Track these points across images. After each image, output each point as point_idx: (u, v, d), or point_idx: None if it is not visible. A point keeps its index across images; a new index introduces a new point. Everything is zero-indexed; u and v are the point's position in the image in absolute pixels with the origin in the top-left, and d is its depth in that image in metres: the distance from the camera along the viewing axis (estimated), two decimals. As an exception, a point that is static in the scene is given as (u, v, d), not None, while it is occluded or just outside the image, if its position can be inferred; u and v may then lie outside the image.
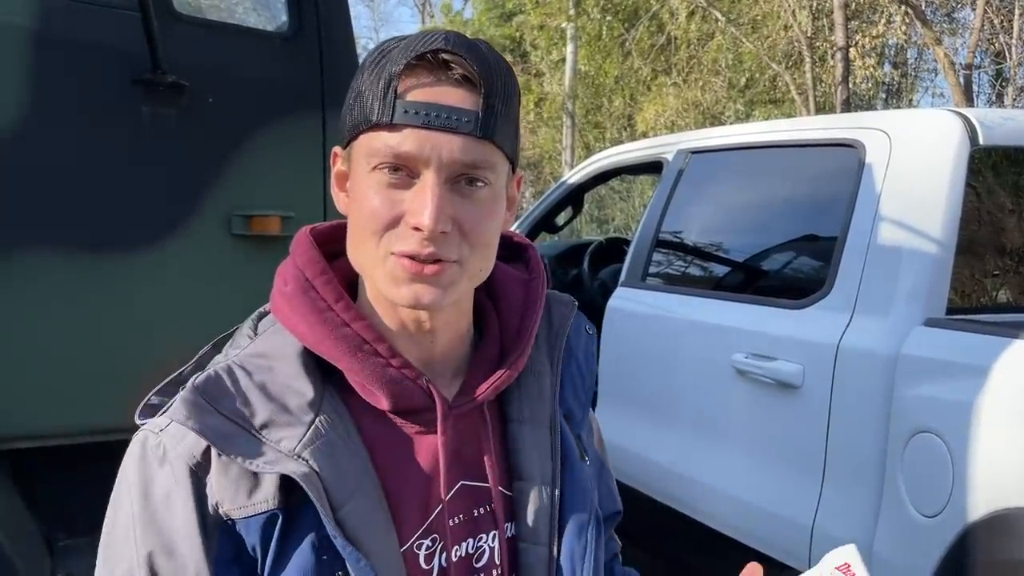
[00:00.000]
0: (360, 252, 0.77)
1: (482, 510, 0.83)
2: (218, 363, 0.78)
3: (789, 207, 2.62)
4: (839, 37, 12.08)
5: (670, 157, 3.00)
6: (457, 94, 0.73)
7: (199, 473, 0.73)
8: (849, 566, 0.81)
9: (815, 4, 12.97)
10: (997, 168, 2.23)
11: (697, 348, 2.56)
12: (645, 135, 14.06)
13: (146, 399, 0.80)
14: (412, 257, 0.74)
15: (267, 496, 0.73)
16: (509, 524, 0.84)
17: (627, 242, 3.58)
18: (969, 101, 12.12)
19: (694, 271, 2.89)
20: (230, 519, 0.73)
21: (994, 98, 15.31)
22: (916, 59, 16.08)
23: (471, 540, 0.81)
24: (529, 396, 0.86)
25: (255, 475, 0.73)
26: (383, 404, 0.78)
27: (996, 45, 13.92)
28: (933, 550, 1.83)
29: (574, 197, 3.85)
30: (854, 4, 12.96)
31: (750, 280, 2.68)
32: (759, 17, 13.79)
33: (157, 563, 0.73)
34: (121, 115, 1.60)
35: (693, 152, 2.91)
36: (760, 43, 13.38)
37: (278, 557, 0.73)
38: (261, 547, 0.73)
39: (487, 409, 0.84)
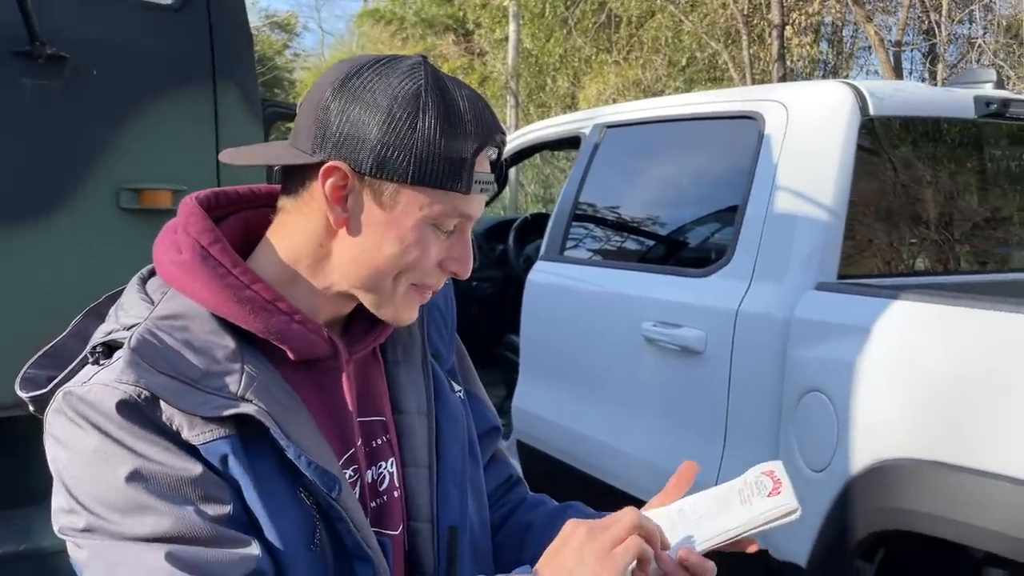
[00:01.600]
0: (371, 277, 0.87)
1: (379, 441, 0.94)
2: (121, 328, 0.83)
3: (696, 179, 2.69)
4: (775, 15, 12.25)
5: (587, 132, 3.04)
6: (490, 165, 0.89)
7: (152, 409, 0.78)
8: (773, 472, 0.90)
9: (752, -18, 13.12)
10: (888, 137, 2.32)
11: (611, 318, 2.62)
12: (587, 114, 14.08)
13: (23, 372, 0.86)
14: (432, 290, 0.90)
15: (220, 424, 0.80)
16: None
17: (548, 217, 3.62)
18: (899, 78, 12.40)
19: (609, 244, 2.95)
20: (192, 444, 0.79)
21: (926, 75, 15.69)
22: (852, 37, 16.38)
23: (374, 467, 0.92)
24: (402, 340, 0.98)
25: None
26: (291, 355, 0.87)
27: (926, 23, 14.24)
28: (822, 502, 1.92)
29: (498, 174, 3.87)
30: (790, -18, 13.14)
31: (660, 251, 2.74)
32: (698, -5, 13.91)
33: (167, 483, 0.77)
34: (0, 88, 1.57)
35: (608, 126, 2.95)
36: (699, 21, 13.51)
37: (244, 481, 0.80)
38: (228, 468, 0.80)
39: (375, 353, 0.96)
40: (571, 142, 3.30)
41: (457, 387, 1.04)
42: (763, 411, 2.13)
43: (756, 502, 0.86)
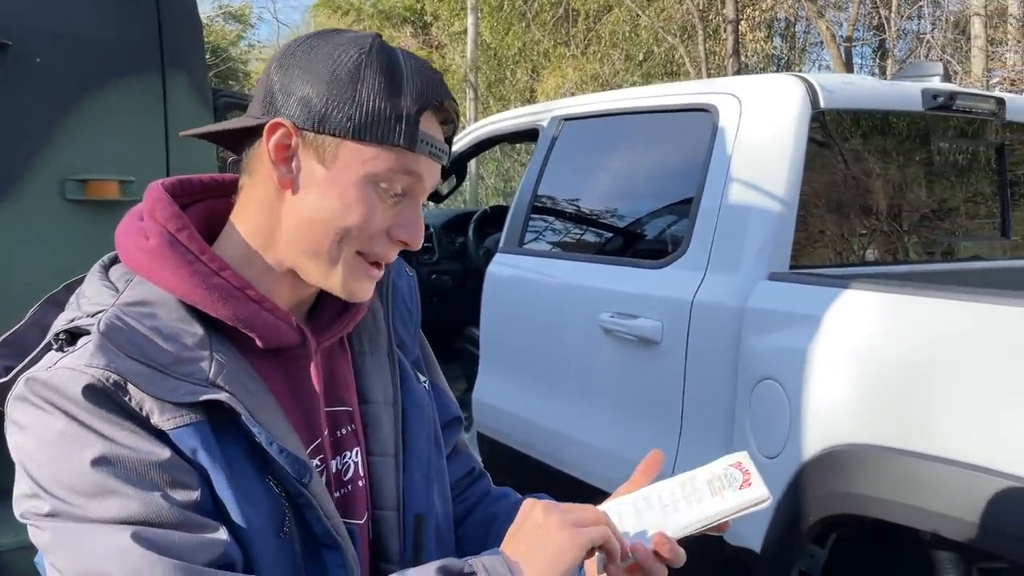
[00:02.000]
0: (316, 238, 0.85)
1: (345, 430, 0.94)
2: (84, 316, 0.82)
3: (652, 171, 2.71)
4: (730, 10, 12.40)
5: (545, 124, 3.04)
6: (441, 131, 0.89)
7: (119, 394, 0.77)
8: (741, 463, 0.91)
9: (707, -23, 13.26)
10: (838, 130, 2.35)
11: (569, 310, 2.63)
12: (545, 107, 14.11)
13: None
14: (377, 260, 0.88)
15: (191, 410, 0.79)
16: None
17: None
18: (850, 72, 12.63)
19: (567, 236, 2.95)
20: (161, 429, 0.78)
21: (876, 70, 16.01)
22: (804, 32, 16.65)
23: (339, 457, 0.93)
24: (368, 330, 0.99)
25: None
26: (259, 343, 0.86)
27: (876, 19, 14.53)
28: (775, 488, 1.95)
29: (456, 167, 3.87)
30: (744, -22, 13.31)
31: (617, 243, 2.76)
32: (655, -10, 14.01)
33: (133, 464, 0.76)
34: None
35: (565, 119, 2.96)
36: (655, 16, 13.60)
37: (214, 468, 0.79)
38: (197, 455, 0.79)
39: (341, 343, 0.97)
40: (529, 135, 3.30)
41: (423, 378, 1.04)
42: (718, 399, 2.15)
43: (728, 495, 0.87)
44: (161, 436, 0.78)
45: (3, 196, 1.56)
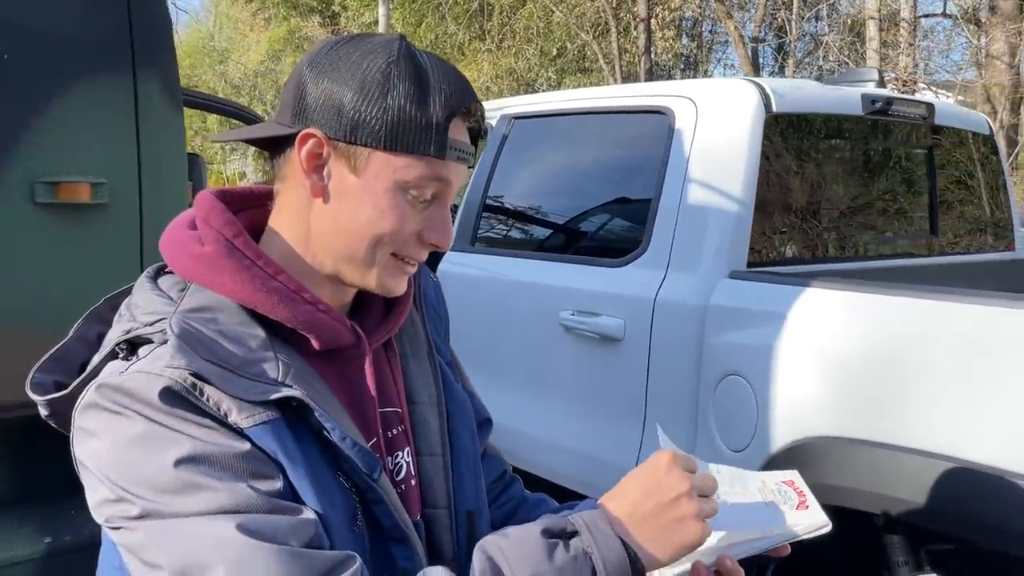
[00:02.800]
0: (351, 245, 0.86)
1: (396, 431, 0.95)
2: (141, 326, 0.82)
3: (608, 171, 2.75)
4: (641, 9, 12.65)
5: (493, 122, 3.05)
6: (467, 134, 0.89)
7: (196, 394, 0.78)
8: (794, 483, 0.91)
9: (619, -25, 13.48)
10: (789, 132, 2.45)
11: (526, 308, 2.65)
12: (460, 101, 14.06)
13: (31, 376, 0.86)
14: (410, 260, 0.89)
15: (265, 409, 0.80)
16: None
17: (454, 206, 3.62)
18: (756, 72, 13.09)
19: (521, 234, 2.97)
20: (240, 427, 0.79)
21: (776, 70, 16.63)
22: (710, 32, 17.13)
23: (391, 457, 0.94)
24: (408, 334, 1.01)
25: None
26: (316, 344, 0.87)
27: (779, 20, 15.08)
28: (741, 481, 2.02)
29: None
30: (654, -23, 13.60)
31: (574, 241, 2.79)
32: (568, -14, 14.15)
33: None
34: None
35: (515, 117, 2.97)
36: (569, 12, 13.75)
37: (291, 465, 0.80)
38: (274, 452, 0.79)
39: (389, 345, 0.98)
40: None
41: (459, 378, 1.07)
42: (682, 395, 2.21)
43: (788, 513, 0.87)
44: (239, 434, 0.79)
45: (-31, 200, 1.46)
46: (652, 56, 13.16)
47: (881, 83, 2.71)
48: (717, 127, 2.34)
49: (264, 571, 0.73)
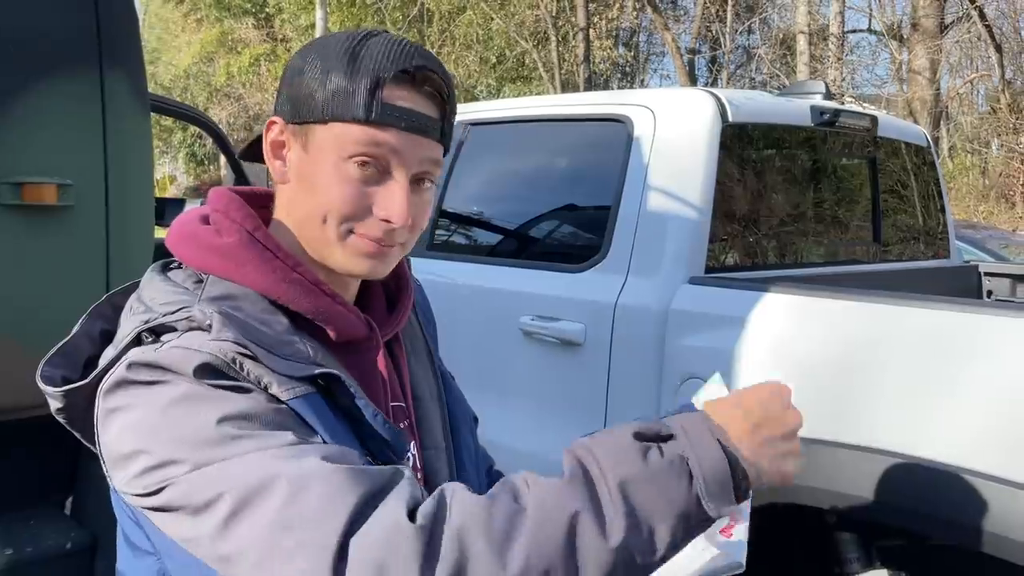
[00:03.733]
0: (310, 224, 0.87)
1: (402, 424, 0.97)
2: (160, 316, 0.81)
3: (566, 178, 2.79)
4: (580, 18, 12.82)
5: (448, 128, 3.05)
6: (427, 104, 0.87)
7: (235, 370, 0.78)
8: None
9: (558, -15, 13.63)
10: (744, 142, 2.52)
11: (485, 313, 2.66)
12: (400, 107, 14.01)
13: (40, 370, 0.85)
14: (376, 240, 0.87)
15: (303, 384, 0.80)
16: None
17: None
18: (693, 83, 13.38)
19: (479, 239, 2.98)
20: (280, 399, 0.79)
21: (710, 81, 17.02)
22: (646, 42, 17.44)
23: None
24: (408, 333, 1.03)
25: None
26: (333, 335, 0.89)
27: (712, 33, 15.45)
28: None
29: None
30: (593, -13, 13.79)
31: (533, 247, 2.82)
32: (507, -6, 14.25)
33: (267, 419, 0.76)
34: None
35: (472, 124, 2.98)
36: (508, 20, 13.83)
37: (327, 437, 0.79)
38: (314, 426, 0.79)
39: (395, 341, 1.01)
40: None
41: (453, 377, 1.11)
42: (643, 399, 2.25)
43: (699, 541, 0.80)
44: (280, 403, 0.79)
45: (-69, 201, 1.41)
46: (591, 65, 13.33)
47: (828, 96, 2.81)
48: (675, 136, 2.40)
49: (328, 482, 0.71)
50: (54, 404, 0.86)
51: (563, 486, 0.74)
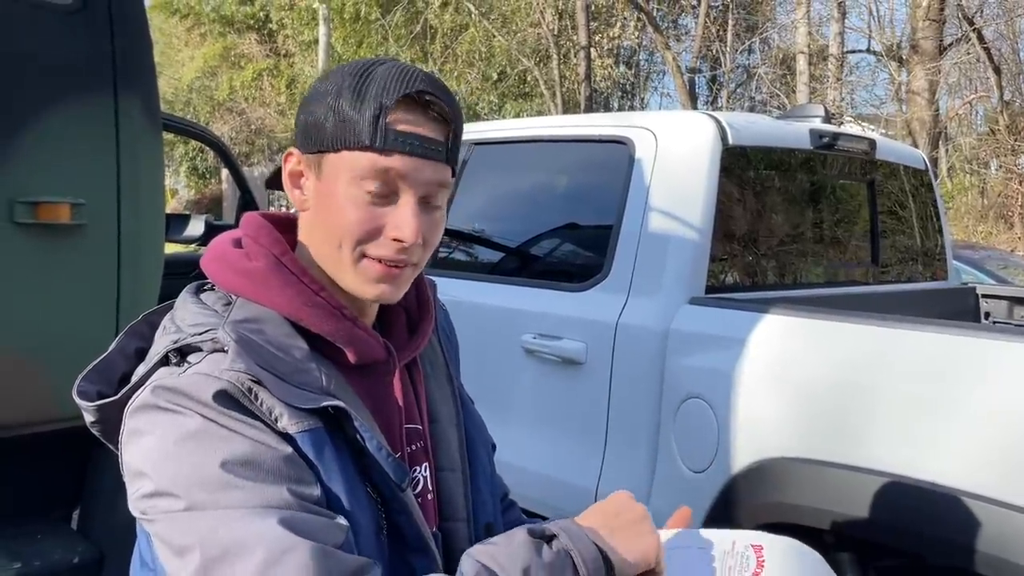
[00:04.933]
0: (327, 249, 0.91)
1: (416, 446, 1.00)
2: (189, 336, 0.86)
3: (569, 198, 2.82)
4: (582, 37, 12.90)
5: (452, 147, 3.09)
6: (432, 127, 0.89)
7: (249, 398, 0.82)
8: (762, 548, 0.92)
9: (560, 4, 13.72)
10: (744, 164, 2.55)
11: (489, 331, 2.68)
12: (402, 122, 14.09)
13: (77, 385, 0.89)
14: (386, 262, 0.90)
15: (311, 417, 0.84)
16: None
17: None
18: (693, 102, 13.46)
19: (483, 258, 3.01)
20: (288, 432, 0.83)
21: (711, 100, 17.12)
22: (647, 61, 17.54)
23: (411, 471, 0.97)
24: (428, 356, 1.06)
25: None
26: (352, 358, 0.92)
27: (713, 52, 15.55)
28: (703, 500, 2.08)
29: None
30: (594, 6, 13.89)
31: (536, 266, 2.84)
32: (508, 12, 14.34)
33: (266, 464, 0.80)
34: None
35: (476, 143, 3.02)
36: (510, 38, 13.92)
37: (328, 472, 0.84)
38: (315, 458, 0.84)
39: (413, 365, 1.03)
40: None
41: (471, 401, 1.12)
42: (643, 417, 2.28)
43: None
44: (286, 439, 0.83)
45: (-51, 219, 1.43)
46: (592, 83, 13.41)
47: (828, 119, 2.84)
48: (676, 158, 2.43)
49: (298, 562, 0.76)
50: (88, 417, 0.91)
51: None
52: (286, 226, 0.98)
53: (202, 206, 20.04)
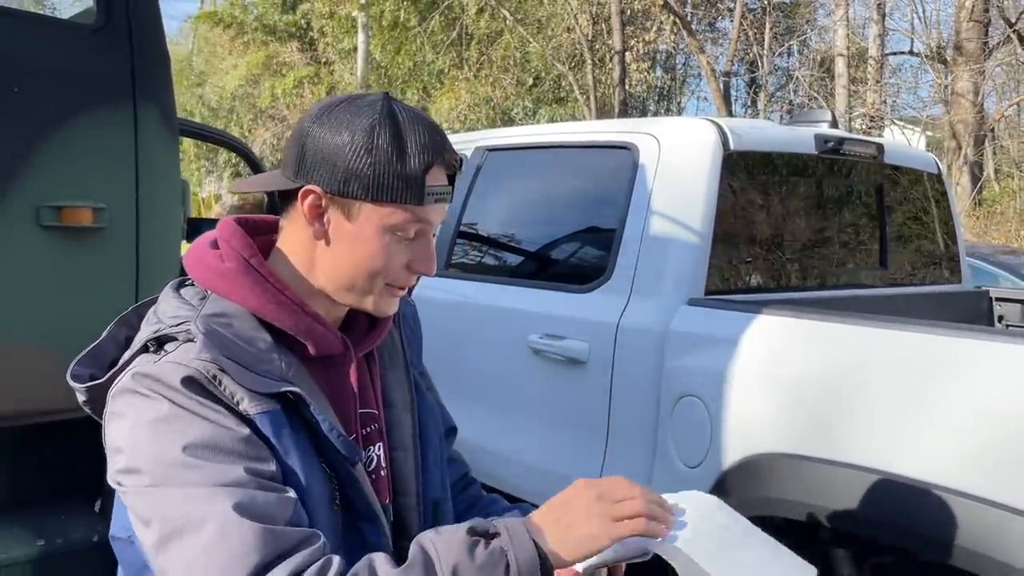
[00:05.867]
0: (352, 279, 1.03)
1: (370, 428, 1.11)
2: (167, 327, 0.97)
3: (576, 202, 2.90)
4: (616, 41, 12.93)
5: (468, 153, 3.19)
6: (446, 176, 1.04)
7: (213, 384, 0.93)
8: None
9: (594, 9, 13.77)
10: (746, 169, 2.61)
11: (497, 331, 2.77)
12: (439, 128, 14.27)
13: (71, 369, 1.02)
14: (405, 287, 1.06)
15: (269, 400, 0.96)
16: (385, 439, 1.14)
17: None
18: (728, 105, 13.41)
19: (493, 260, 3.10)
20: (248, 414, 0.94)
21: (749, 103, 17.02)
22: (683, 65, 17.51)
23: (365, 451, 1.09)
24: (388, 348, 1.17)
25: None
26: (312, 350, 1.03)
27: (751, 55, 15.46)
28: (697, 495, 2.14)
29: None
30: (629, 11, 13.91)
31: (543, 268, 2.93)
32: (544, 18, 14.43)
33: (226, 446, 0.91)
34: None
35: (490, 150, 3.11)
36: (545, 43, 14.01)
37: (284, 449, 0.95)
38: (273, 437, 0.95)
39: (371, 356, 1.15)
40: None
41: (431, 389, 1.23)
42: (642, 414, 2.34)
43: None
44: (245, 420, 0.94)
45: (-20, 222, 1.57)
46: (627, 87, 13.43)
47: (835, 124, 2.88)
48: (678, 163, 2.50)
49: (243, 537, 0.87)
50: (80, 397, 1.03)
51: (408, 569, 0.91)
52: (257, 229, 1.10)
53: (244, 211, 20.42)
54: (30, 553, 1.64)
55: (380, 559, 0.92)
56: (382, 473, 1.11)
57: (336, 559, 0.90)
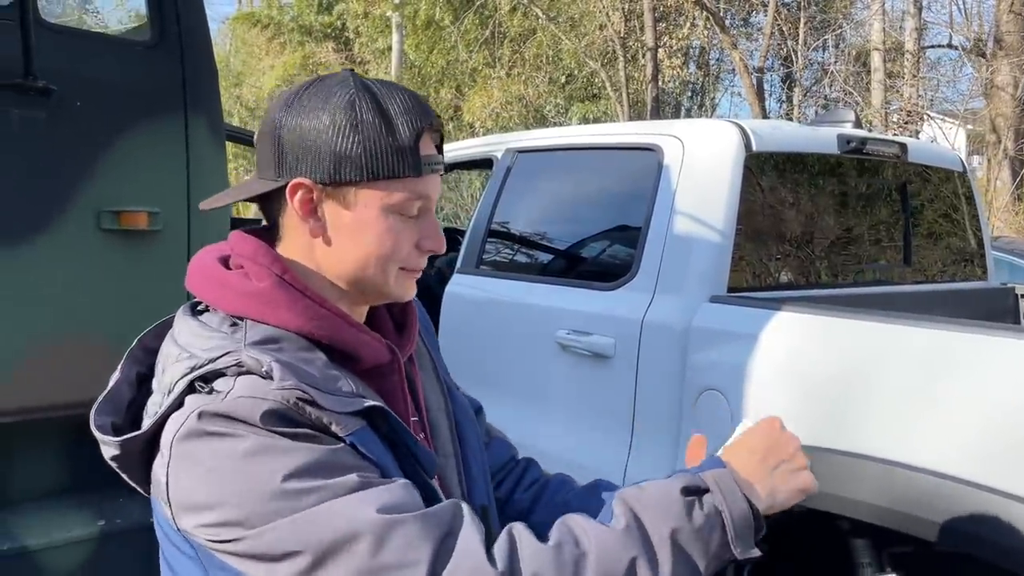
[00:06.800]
0: (365, 270, 0.95)
1: (421, 436, 1.04)
2: (207, 362, 0.87)
3: (602, 202, 2.98)
4: (649, 38, 12.94)
5: (499, 155, 3.28)
6: (436, 143, 0.97)
7: (297, 412, 0.86)
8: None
9: (627, 6, 13.77)
10: (768, 170, 2.67)
11: (526, 327, 2.87)
12: (471, 126, 14.43)
13: (92, 420, 0.93)
14: (418, 269, 0.99)
15: (355, 419, 0.89)
16: None
17: (461, 231, 3.85)
18: (761, 101, 13.35)
19: (522, 258, 3.20)
20: (341, 437, 0.87)
21: (784, 98, 16.90)
22: (717, 61, 17.42)
23: None
24: (415, 350, 1.09)
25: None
26: (364, 363, 0.97)
27: (785, 50, 15.35)
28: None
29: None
30: (661, 7, 13.89)
31: (570, 266, 3.02)
32: (576, 16, 14.47)
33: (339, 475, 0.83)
34: None
35: (520, 151, 3.20)
36: (578, 41, 14.05)
37: (380, 466, 0.89)
38: (366, 456, 0.88)
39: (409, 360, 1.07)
40: (482, 163, 3.54)
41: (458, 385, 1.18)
42: (665, 408, 2.43)
43: None
44: (341, 442, 0.87)
45: (46, 226, 1.71)
46: (659, 84, 13.43)
47: (858, 124, 2.93)
48: (701, 164, 2.57)
49: (405, 533, 0.80)
50: (109, 451, 0.92)
51: (621, 534, 0.86)
52: (259, 236, 0.99)
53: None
54: (91, 532, 1.77)
55: (580, 524, 0.86)
56: (433, 482, 1.02)
57: (515, 530, 0.85)
